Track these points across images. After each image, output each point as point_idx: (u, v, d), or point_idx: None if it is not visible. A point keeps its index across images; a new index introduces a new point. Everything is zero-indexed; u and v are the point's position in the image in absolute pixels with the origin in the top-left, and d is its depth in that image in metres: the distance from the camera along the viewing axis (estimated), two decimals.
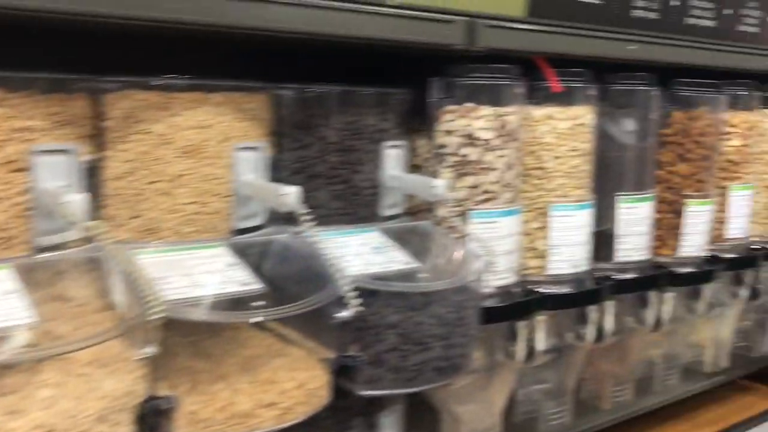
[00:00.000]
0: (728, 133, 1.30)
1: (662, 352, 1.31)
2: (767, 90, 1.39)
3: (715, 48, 1.27)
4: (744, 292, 1.38)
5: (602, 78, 1.13)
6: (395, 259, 0.82)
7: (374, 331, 0.76)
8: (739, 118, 1.30)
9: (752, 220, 1.39)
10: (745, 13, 1.38)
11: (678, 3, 1.23)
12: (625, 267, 1.15)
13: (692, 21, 1.27)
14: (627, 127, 1.15)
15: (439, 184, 0.84)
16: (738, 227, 1.32)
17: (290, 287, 0.76)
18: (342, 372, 0.76)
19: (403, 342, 0.77)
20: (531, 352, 1.02)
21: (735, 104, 1.30)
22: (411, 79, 0.96)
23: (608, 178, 1.13)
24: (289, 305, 0.67)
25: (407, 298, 0.76)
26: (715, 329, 1.41)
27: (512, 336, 1.00)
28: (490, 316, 0.94)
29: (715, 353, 1.42)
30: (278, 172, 0.84)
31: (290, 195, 0.71)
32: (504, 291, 0.98)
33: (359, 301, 0.71)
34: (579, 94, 1.05)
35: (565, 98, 1.04)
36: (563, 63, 1.05)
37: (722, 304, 1.38)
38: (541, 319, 1.02)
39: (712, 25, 1.30)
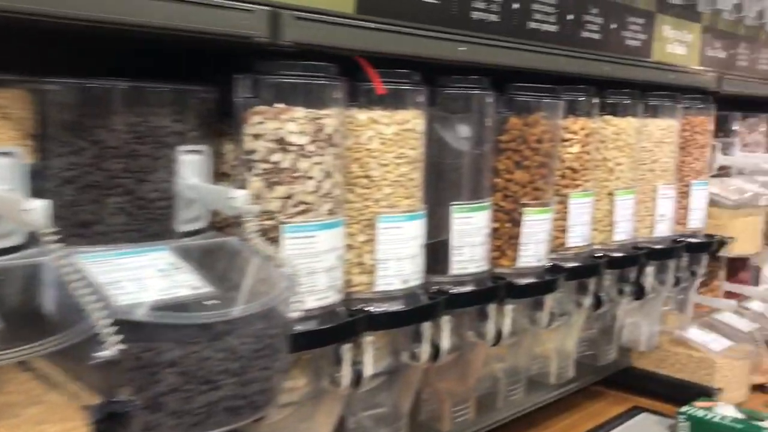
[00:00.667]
0: (567, 139, 1.27)
1: (505, 365, 1.27)
2: (608, 96, 1.39)
3: (556, 53, 1.24)
4: (587, 301, 1.37)
5: (435, 81, 1.06)
6: (182, 284, 0.70)
7: (150, 371, 0.64)
8: (578, 124, 1.28)
9: (594, 227, 1.38)
10: (588, 20, 1.37)
11: (519, 6, 1.19)
12: (461, 280, 1.09)
13: (534, 25, 1.23)
14: (461, 133, 1.10)
15: (238, 196, 0.74)
16: (579, 235, 1.30)
17: (47, 321, 0.63)
18: (111, 420, 0.64)
19: (185, 381, 0.66)
20: (359, 377, 0.93)
21: (574, 110, 1.28)
22: (220, 77, 0.86)
23: (442, 187, 1.07)
24: (24, 347, 0.54)
25: (188, 331, 0.65)
26: (560, 340, 1.38)
27: (337, 360, 0.91)
28: (309, 340, 0.85)
29: (560, 364, 1.39)
30: (42, 182, 0.71)
31: (34, 211, 0.58)
32: (327, 311, 0.89)
33: (119, 337, 0.59)
34: (407, 98, 0.98)
35: (392, 101, 0.96)
36: (396, 64, 0.97)
37: (566, 313, 1.35)
38: (368, 341, 0.94)
39: (554, 30, 1.27)
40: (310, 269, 0.85)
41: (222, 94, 0.85)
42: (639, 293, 1.50)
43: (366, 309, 0.93)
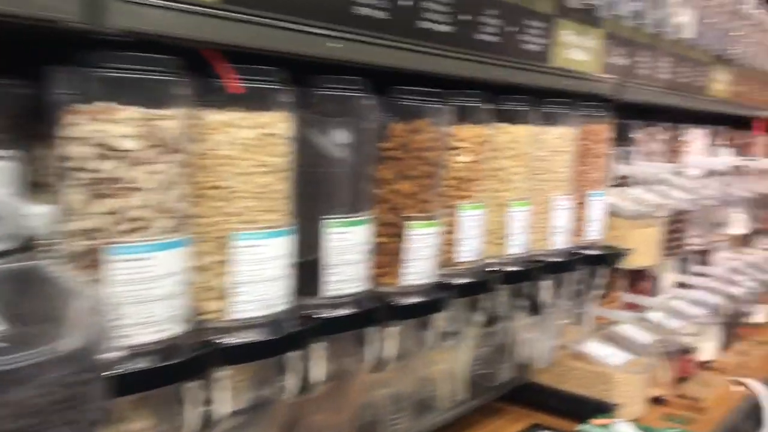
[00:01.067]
0: (457, 147, 1.19)
1: (390, 391, 1.17)
2: (502, 102, 1.32)
3: (446, 54, 1.16)
4: (480, 319, 1.29)
5: (306, 81, 0.96)
6: None
7: None
8: (469, 131, 1.20)
9: (486, 240, 1.30)
10: (484, 21, 1.29)
11: (410, 4, 1.10)
12: (337, 302, 0.98)
13: (426, 25, 1.14)
14: (337, 139, 0.99)
15: (35, 212, 0.61)
16: (469, 249, 1.22)
17: None
18: None
19: None
20: (208, 420, 0.81)
21: (465, 117, 1.20)
22: (39, 69, 0.72)
23: (314, 200, 0.96)
24: None
25: None
26: (451, 360, 1.30)
27: (180, 401, 0.79)
28: (139, 381, 0.72)
29: (451, 386, 1.31)
30: None
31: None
32: (166, 346, 0.77)
33: None
34: (269, 98, 0.86)
35: (251, 102, 0.84)
36: (270, 62, 0.86)
37: (457, 332, 1.27)
38: (221, 377, 0.82)
39: (447, 31, 1.18)
40: (143, 297, 0.72)
41: (40, 89, 0.72)
42: (535, 308, 1.44)
43: (216, 341, 0.81)
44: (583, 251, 1.55)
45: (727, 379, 2.07)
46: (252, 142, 0.84)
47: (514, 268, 1.34)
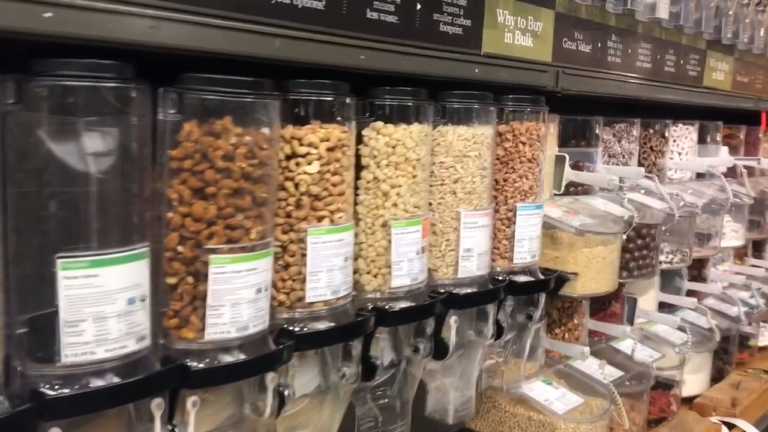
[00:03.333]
0: (303, 154, 0.91)
1: None
2: (379, 97, 1.04)
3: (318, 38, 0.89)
4: (349, 371, 1.01)
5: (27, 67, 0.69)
6: None
7: None
8: (318, 134, 0.92)
9: (365, 270, 1.03)
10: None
11: None
12: (82, 370, 0.72)
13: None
14: (88, 147, 0.72)
15: None
16: (325, 285, 0.94)
17: None
18: None
19: None
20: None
21: (314, 115, 0.93)
22: None
23: (48, 231, 0.70)
24: None
25: None
26: (314, 423, 1.02)
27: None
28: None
29: None
30: None
31: None
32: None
33: None
34: None
35: None
36: None
37: (322, 389, 1.00)
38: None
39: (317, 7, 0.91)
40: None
41: None
42: (440, 351, 1.16)
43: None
44: (509, 277, 1.27)
45: (712, 421, 1.76)
46: None
47: (405, 304, 1.06)
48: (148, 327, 0.77)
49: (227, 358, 0.84)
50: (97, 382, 0.72)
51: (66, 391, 0.69)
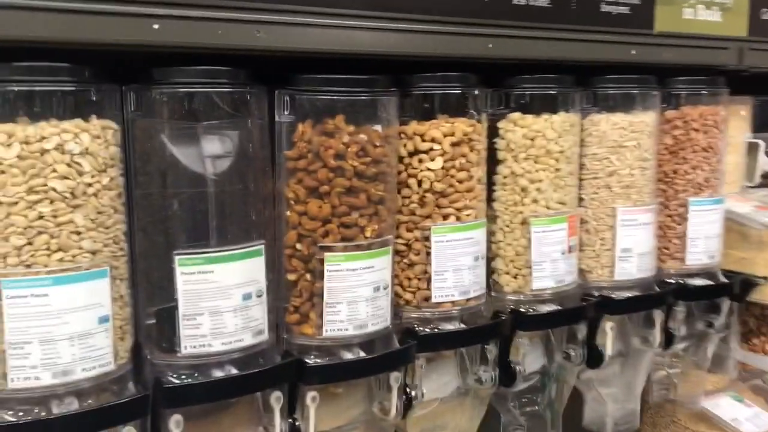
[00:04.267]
0: (424, 150, 0.89)
1: None
2: (517, 86, 0.98)
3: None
4: (486, 376, 0.97)
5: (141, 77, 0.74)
6: None
7: None
8: (441, 128, 0.89)
9: (504, 270, 0.98)
10: None
11: None
12: (204, 361, 0.76)
13: None
14: (208, 149, 0.76)
15: None
16: (452, 285, 0.91)
17: None
18: None
19: None
20: None
21: (439, 109, 0.90)
22: None
23: (165, 231, 0.75)
24: None
25: None
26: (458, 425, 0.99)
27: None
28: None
29: None
30: None
31: None
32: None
33: None
34: (60, 101, 0.67)
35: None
36: None
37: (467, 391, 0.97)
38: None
39: None
40: None
41: None
42: (594, 359, 1.07)
43: None
44: (681, 280, 1.14)
45: None
46: (15, 162, 0.65)
47: (542, 308, 1.00)
48: (266, 322, 0.80)
49: (347, 355, 0.84)
50: (216, 373, 0.76)
51: (180, 381, 0.74)
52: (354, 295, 0.82)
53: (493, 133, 0.98)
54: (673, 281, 1.14)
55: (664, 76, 1.13)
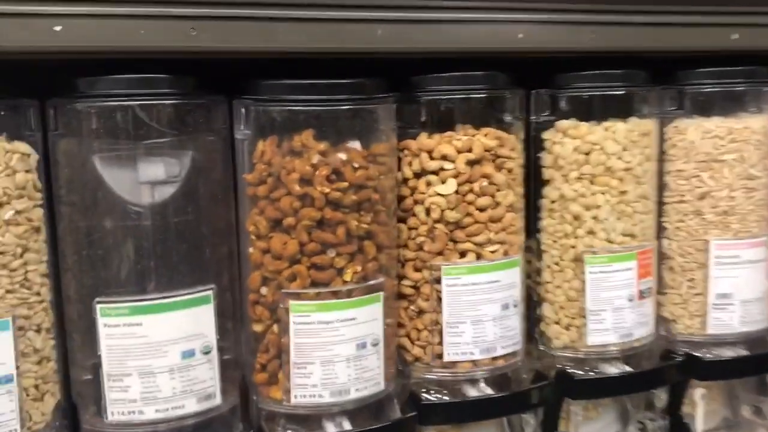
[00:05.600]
0: (432, 171, 0.70)
1: None
2: (567, 87, 0.77)
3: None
4: None
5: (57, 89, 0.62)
6: None
7: None
8: (454, 143, 0.70)
9: (545, 322, 0.78)
10: None
11: None
12: None
13: None
14: (149, 174, 0.63)
15: None
16: (474, 341, 0.72)
17: None
18: None
19: None
20: None
21: (446, 122, 0.71)
22: None
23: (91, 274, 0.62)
24: None
25: None
26: None
27: None
28: None
29: None
30: None
31: None
32: None
33: None
34: None
35: None
36: None
37: None
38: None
39: None
40: None
41: None
42: None
43: None
44: None
45: None
46: None
47: (607, 369, 0.78)
48: (217, 384, 0.65)
49: (329, 428, 0.68)
50: None
51: None
52: (330, 354, 0.66)
53: (538, 146, 0.78)
54: None
55: None
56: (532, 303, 0.80)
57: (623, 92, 0.78)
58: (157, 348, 0.62)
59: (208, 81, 0.65)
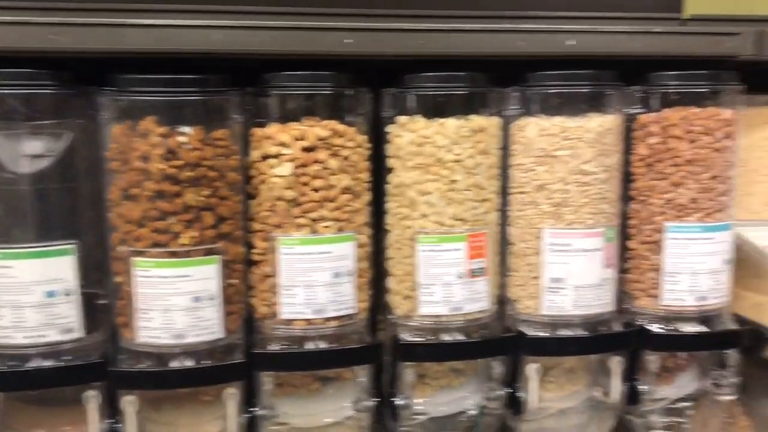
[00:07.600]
0: (273, 155, 0.82)
1: None
2: (410, 87, 0.87)
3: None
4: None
5: None
6: None
7: None
8: (289, 132, 0.82)
9: (394, 292, 0.88)
10: None
11: None
12: None
13: None
14: (29, 149, 0.79)
15: None
16: (304, 302, 0.84)
17: None
18: None
19: None
20: None
21: (282, 113, 0.83)
22: None
23: None
24: None
25: None
26: None
27: None
28: None
29: None
30: None
31: None
32: None
33: None
34: None
35: None
36: None
37: None
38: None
39: None
40: None
41: None
42: (516, 405, 0.91)
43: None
44: (646, 325, 0.92)
45: None
46: None
47: (443, 336, 0.87)
48: (79, 320, 0.80)
49: (173, 364, 0.82)
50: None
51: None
52: (168, 304, 0.79)
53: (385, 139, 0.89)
54: (646, 323, 0.93)
55: (647, 70, 0.92)
56: (382, 276, 0.91)
57: (464, 92, 0.87)
58: (26, 287, 0.78)
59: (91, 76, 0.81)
